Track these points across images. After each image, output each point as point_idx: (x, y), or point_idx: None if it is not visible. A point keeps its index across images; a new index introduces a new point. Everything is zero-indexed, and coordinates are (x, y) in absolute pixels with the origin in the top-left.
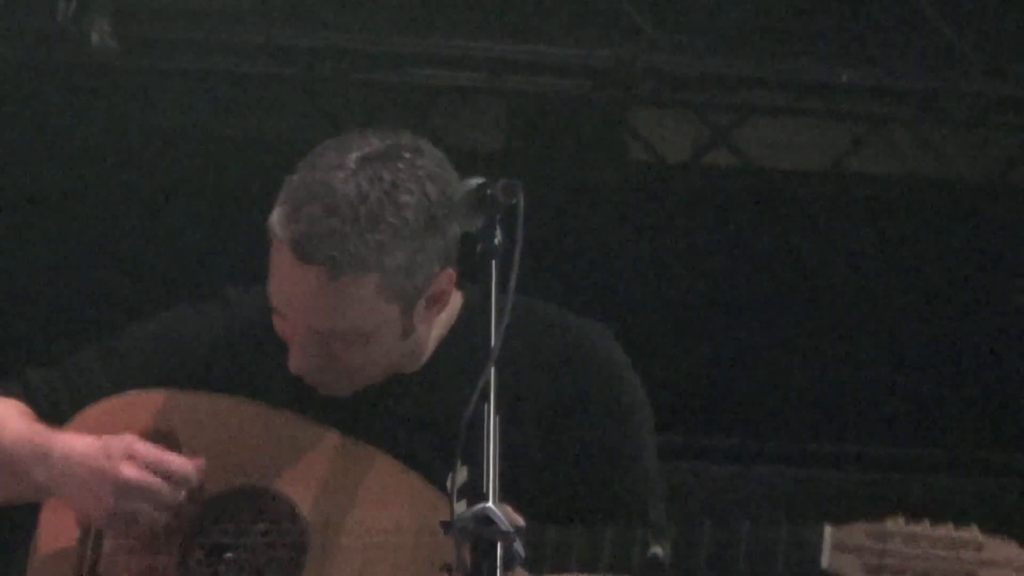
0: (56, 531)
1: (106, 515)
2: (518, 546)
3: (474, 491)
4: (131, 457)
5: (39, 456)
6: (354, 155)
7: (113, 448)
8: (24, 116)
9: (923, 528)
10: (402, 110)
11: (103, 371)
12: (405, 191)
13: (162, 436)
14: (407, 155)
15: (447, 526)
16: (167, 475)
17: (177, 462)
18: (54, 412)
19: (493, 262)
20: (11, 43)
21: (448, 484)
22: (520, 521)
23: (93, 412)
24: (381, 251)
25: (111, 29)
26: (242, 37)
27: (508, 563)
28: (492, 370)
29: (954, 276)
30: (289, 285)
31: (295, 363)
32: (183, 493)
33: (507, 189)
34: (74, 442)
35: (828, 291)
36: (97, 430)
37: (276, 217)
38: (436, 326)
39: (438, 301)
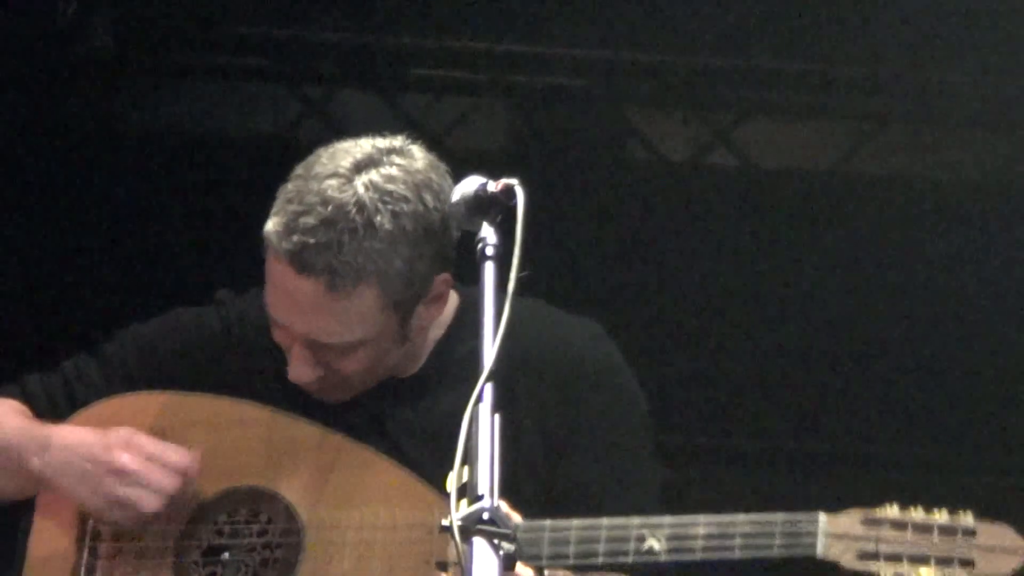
0: (50, 536)
1: (102, 502)
2: (517, 546)
3: (472, 491)
4: (129, 446)
5: (37, 445)
6: (348, 163)
7: (111, 438)
8: (24, 115)
9: (917, 514)
10: (402, 110)
11: (100, 375)
12: (401, 199)
13: (158, 434)
14: (401, 162)
15: (447, 527)
16: (164, 464)
17: (174, 451)
18: (52, 415)
19: (492, 263)
20: (11, 43)
21: (447, 485)
22: (517, 518)
23: (90, 412)
24: (379, 260)
25: (111, 28)
26: (241, 36)
27: (508, 563)
28: (489, 370)
29: (954, 276)
30: (287, 296)
31: (294, 372)
32: (179, 481)
33: (507, 189)
34: (73, 433)
35: (828, 291)
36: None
37: (272, 228)
38: (433, 328)
39: (435, 304)
